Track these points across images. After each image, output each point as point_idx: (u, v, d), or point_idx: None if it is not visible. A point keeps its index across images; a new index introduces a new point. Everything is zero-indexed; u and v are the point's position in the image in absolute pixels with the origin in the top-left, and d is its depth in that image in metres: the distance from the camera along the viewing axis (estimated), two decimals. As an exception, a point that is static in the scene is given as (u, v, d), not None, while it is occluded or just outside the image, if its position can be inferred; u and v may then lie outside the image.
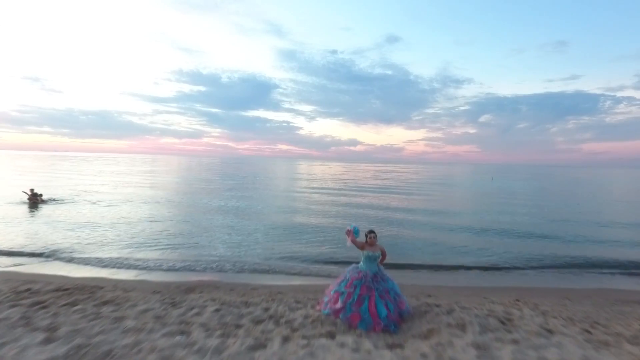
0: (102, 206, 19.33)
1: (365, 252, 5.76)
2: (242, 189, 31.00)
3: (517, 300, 6.98)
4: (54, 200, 20.97)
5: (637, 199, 32.17)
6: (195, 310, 5.73)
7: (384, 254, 5.93)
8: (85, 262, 9.51)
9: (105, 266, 9.19)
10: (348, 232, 5.87)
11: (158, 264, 9.43)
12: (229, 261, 9.82)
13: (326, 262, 10.08)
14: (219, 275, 8.79)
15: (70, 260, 9.65)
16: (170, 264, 9.49)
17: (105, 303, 6.04)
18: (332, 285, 5.98)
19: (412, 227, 15.30)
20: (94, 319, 5.21)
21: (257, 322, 5.31)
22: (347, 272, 5.93)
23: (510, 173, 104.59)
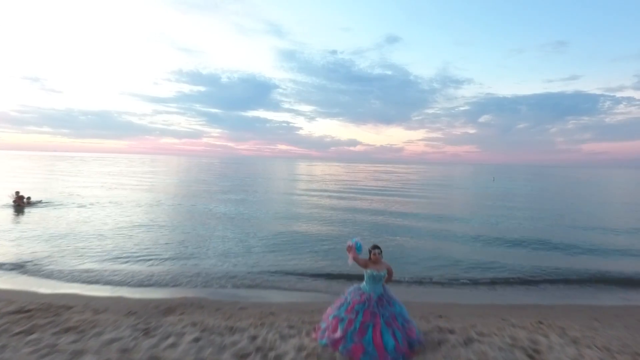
0: (90, 210, 18.47)
1: (368, 271, 4.95)
2: (240, 192, 30.10)
3: (540, 322, 6.15)
4: (41, 202, 20.12)
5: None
6: (170, 340, 4.89)
7: (390, 273, 5.12)
8: (59, 275, 8.61)
9: (80, 280, 8.30)
10: (349, 248, 5.06)
11: (140, 278, 8.56)
12: (218, 274, 8.94)
13: (324, 276, 9.17)
14: (206, 291, 7.91)
15: (43, 273, 8.74)
16: (154, 278, 8.61)
17: (67, 330, 5.20)
18: (331, 309, 5.16)
19: (414, 236, 14.33)
20: (47, 354, 4.38)
21: (242, 356, 4.49)
22: (348, 293, 5.11)
23: (511, 174, 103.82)
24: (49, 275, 8.61)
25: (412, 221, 17.68)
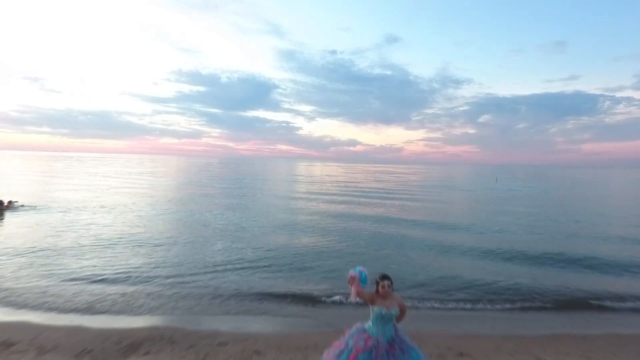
0: (74, 216, 17.27)
1: (376, 309, 3.86)
2: (236, 196, 28.71)
3: (584, 364, 5.04)
4: (23, 206, 18.98)
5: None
6: (120, 401, 3.77)
7: (402, 310, 4.00)
8: (15, 299, 7.30)
9: (37, 305, 7.06)
10: (351, 280, 3.93)
11: (108, 301, 7.34)
12: (200, 296, 7.69)
13: (323, 301, 7.86)
14: (182, 319, 6.68)
15: (-2, 295, 7.56)
16: (124, 302, 7.38)
17: (-9, 384, 4.08)
18: (328, 355, 4.05)
19: (418, 248, 12.83)
20: None
21: None
22: (350, 336, 3.99)
23: (512, 174, 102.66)
24: (3, 299, 7.37)
25: (415, 230, 16.28)
